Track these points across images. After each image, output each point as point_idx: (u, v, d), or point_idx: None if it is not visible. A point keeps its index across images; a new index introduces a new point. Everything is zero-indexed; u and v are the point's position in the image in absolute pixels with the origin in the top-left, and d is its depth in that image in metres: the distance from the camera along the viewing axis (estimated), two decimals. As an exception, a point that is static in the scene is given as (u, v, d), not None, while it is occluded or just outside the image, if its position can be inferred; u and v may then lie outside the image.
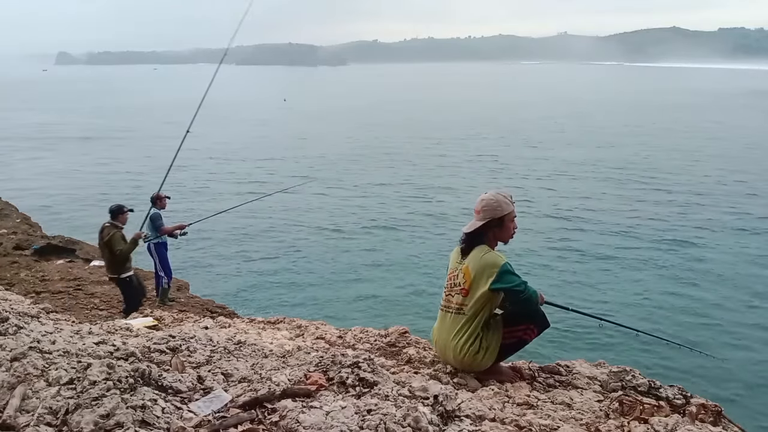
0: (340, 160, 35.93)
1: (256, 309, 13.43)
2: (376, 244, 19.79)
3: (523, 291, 3.35)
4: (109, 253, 7.79)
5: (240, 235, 20.57)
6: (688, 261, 17.70)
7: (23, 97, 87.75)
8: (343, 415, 2.43)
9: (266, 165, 34.29)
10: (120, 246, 7.71)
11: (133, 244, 7.84)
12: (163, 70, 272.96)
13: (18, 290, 7.73)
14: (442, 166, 33.87)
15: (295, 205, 24.98)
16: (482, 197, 3.50)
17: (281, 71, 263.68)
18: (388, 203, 25.42)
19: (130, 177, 30.04)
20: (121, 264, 7.81)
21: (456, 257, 3.58)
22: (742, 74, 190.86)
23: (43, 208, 22.13)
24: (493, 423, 2.76)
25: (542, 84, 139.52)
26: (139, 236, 8.06)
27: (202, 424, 2.31)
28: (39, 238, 12.08)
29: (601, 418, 3.00)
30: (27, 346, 2.72)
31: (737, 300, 14.81)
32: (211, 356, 3.31)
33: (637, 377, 3.51)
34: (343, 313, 14.08)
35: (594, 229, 21.19)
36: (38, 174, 30.59)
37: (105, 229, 7.78)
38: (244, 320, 5.52)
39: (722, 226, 21.15)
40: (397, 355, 4.07)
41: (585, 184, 28.70)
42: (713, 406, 3.08)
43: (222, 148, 39.01)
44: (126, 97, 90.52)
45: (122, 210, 7.91)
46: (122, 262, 7.82)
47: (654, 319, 13.76)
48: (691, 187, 27.65)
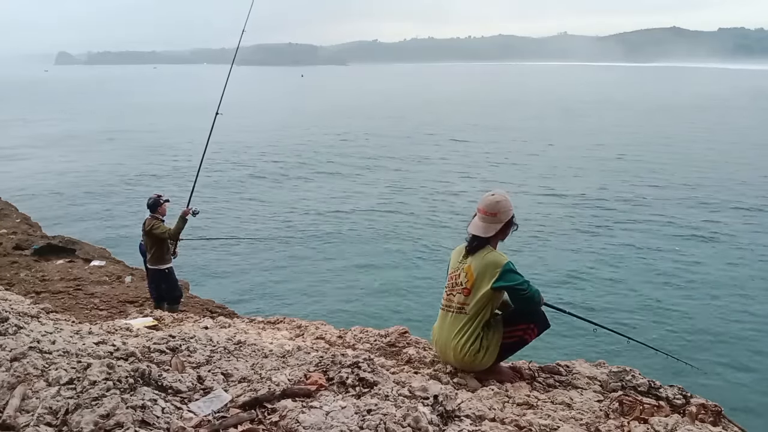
0: (340, 159, 35.97)
1: (256, 309, 13.42)
2: (375, 244, 19.79)
3: (525, 289, 3.35)
4: (152, 243, 7.74)
5: (239, 234, 20.58)
6: (688, 263, 17.69)
7: (30, 98, 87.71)
8: (343, 415, 2.44)
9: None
10: (164, 228, 7.65)
11: (182, 222, 7.77)
12: (164, 70, 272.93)
13: (18, 290, 7.72)
14: (442, 167, 33.87)
15: (294, 204, 25.00)
16: (495, 198, 3.46)
17: (282, 71, 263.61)
18: (387, 203, 25.42)
19: (131, 177, 30.06)
20: (163, 255, 7.77)
21: (457, 257, 3.58)
22: (742, 74, 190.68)
23: (43, 208, 22.12)
24: (493, 423, 2.76)
25: (542, 84, 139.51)
26: (187, 212, 7.92)
27: (202, 424, 2.31)
28: (39, 238, 12.06)
29: (601, 418, 3.00)
30: (27, 346, 2.72)
31: (739, 302, 14.80)
32: (211, 356, 3.31)
33: (637, 377, 3.52)
34: (343, 313, 14.07)
35: (594, 228, 21.20)
36: (38, 174, 30.59)
37: (146, 221, 7.74)
38: (244, 320, 5.52)
39: (726, 229, 21.15)
40: (397, 355, 4.07)
41: (582, 184, 28.70)
42: (713, 406, 3.08)
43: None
44: (127, 97, 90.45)
45: (159, 202, 7.82)
46: (164, 252, 7.78)
47: (654, 323, 13.74)
48: (692, 187, 27.70)
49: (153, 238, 7.72)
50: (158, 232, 7.63)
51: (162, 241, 7.78)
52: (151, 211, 7.80)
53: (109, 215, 22.49)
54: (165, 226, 7.73)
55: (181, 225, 7.77)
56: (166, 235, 7.67)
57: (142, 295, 8.70)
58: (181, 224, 7.77)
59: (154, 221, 7.70)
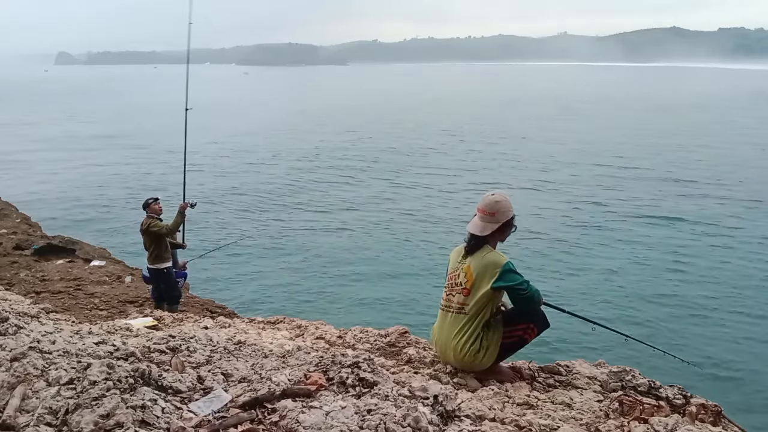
0: (341, 159, 35.96)
1: (256, 309, 13.42)
2: (375, 244, 19.78)
3: (525, 289, 3.35)
4: (150, 242, 7.79)
5: (239, 234, 20.56)
6: (688, 262, 17.68)
7: (29, 99, 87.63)
8: (343, 415, 2.44)
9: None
10: (161, 225, 7.71)
11: (180, 216, 7.83)
12: (164, 70, 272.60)
13: (18, 290, 7.72)
14: (442, 166, 33.86)
15: (294, 204, 25.00)
16: (495, 198, 3.47)
17: (282, 71, 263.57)
18: (387, 203, 25.42)
19: (131, 176, 30.05)
20: (161, 253, 7.80)
21: (456, 257, 3.58)
22: (742, 74, 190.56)
23: (43, 208, 22.11)
24: (493, 423, 2.76)
25: (542, 84, 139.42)
26: (185, 206, 7.98)
27: (202, 424, 2.31)
28: (39, 238, 12.05)
29: (601, 418, 3.00)
30: (27, 346, 2.72)
31: (740, 302, 14.79)
32: (211, 356, 3.31)
33: (637, 377, 3.51)
34: (343, 313, 14.06)
35: (593, 227, 21.20)
36: (38, 174, 30.58)
37: (143, 221, 7.83)
38: (244, 320, 5.52)
39: (726, 227, 21.14)
40: (397, 355, 4.07)
41: (582, 183, 28.69)
42: (713, 406, 3.08)
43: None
44: (127, 97, 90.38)
45: (148, 202, 7.91)
46: (163, 250, 7.80)
47: (654, 322, 13.74)
48: (692, 186, 27.70)
49: (150, 236, 7.78)
50: (155, 230, 7.70)
51: (160, 240, 7.82)
52: (146, 212, 7.89)
53: (108, 215, 22.51)
54: (161, 223, 7.80)
55: (179, 219, 7.85)
56: (163, 231, 7.72)
57: (142, 295, 8.71)
58: (179, 218, 7.86)
59: (150, 220, 7.77)
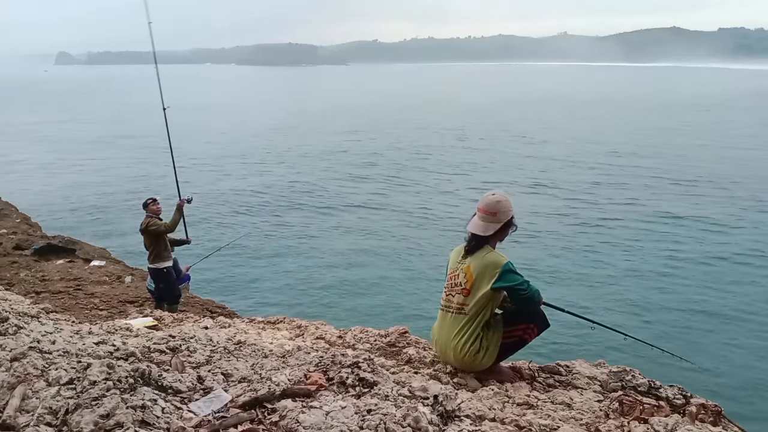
0: (340, 158, 35.95)
1: (256, 309, 13.42)
2: (375, 244, 19.79)
3: (525, 289, 3.35)
4: (149, 241, 7.84)
5: (239, 234, 20.55)
6: (687, 261, 17.69)
7: (29, 99, 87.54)
8: (343, 415, 2.44)
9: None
10: (160, 223, 7.76)
11: (178, 213, 7.91)
12: (165, 70, 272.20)
13: (18, 290, 7.72)
14: (442, 166, 33.87)
15: (294, 204, 25.01)
16: (495, 198, 3.46)
17: (282, 71, 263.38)
18: (387, 203, 25.42)
19: (130, 176, 30.05)
20: (161, 253, 7.85)
21: (456, 257, 3.57)
22: (742, 74, 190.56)
23: (43, 208, 22.11)
24: (493, 423, 2.76)
25: (542, 84, 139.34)
26: (182, 203, 8.07)
27: (202, 424, 2.31)
28: (39, 238, 12.05)
29: (601, 418, 3.00)
30: (27, 346, 2.72)
31: (741, 302, 14.79)
32: (211, 356, 3.31)
33: (637, 377, 3.51)
34: (343, 313, 14.06)
35: (593, 227, 21.20)
36: (38, 174, 30.58)
37: (143, 221, 7.89)
38: (244, 320, 5.52)
39: (726, 227, 21.14)
40: (397, 355, 4.07)
41: (581, 183, 28.69)
42: (713, 406, 3.08)
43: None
44: (127, 97, 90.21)
45: (147, 203, 7.98)
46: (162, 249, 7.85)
47: (654, 322, 13.74)
48: (691, 186, 27.70)
49: (150, 236, 7.83)
50: (154, 228, 7.77)
51: (159, 239, 7.87)
52: (145, 212, 7.96)
53: (109, 215, 22.49)
54: (160, 221, 7.86)
55: (177, 216, 7.94)
56: (162, 229, 7.80)
57: (142, 295, 8.70)
58: (177, 215, 7.94)
59: (149, 219, 7.83)
